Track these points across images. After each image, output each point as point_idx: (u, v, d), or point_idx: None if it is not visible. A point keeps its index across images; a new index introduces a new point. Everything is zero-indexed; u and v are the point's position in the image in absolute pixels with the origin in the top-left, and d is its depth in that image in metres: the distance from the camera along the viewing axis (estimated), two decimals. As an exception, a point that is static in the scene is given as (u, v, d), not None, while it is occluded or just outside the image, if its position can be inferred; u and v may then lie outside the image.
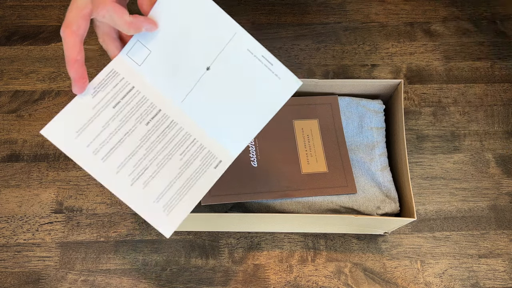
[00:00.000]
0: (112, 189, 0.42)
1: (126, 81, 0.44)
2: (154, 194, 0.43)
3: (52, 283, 0.59)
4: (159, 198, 0.43)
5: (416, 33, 0.75)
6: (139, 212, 0.42)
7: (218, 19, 0.44)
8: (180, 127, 0.45)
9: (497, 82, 0.71)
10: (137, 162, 0.43)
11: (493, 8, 0.76)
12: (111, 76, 0.44)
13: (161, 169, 0.43)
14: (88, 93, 0.43)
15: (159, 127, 0.44)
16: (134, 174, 0.43)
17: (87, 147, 0.42)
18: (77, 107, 0.42)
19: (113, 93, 0.43)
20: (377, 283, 0.59)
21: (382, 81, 0.59)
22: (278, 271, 0.60)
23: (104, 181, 0.42)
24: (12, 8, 0.75)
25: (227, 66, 0.44)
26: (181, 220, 0.43)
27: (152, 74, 0.44)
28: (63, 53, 0.69)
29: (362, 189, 0.57)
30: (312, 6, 0.77)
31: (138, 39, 0.43)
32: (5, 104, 0.69)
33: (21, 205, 0.62)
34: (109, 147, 0.42)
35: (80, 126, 0.42)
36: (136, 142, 0.43)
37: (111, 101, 0.43)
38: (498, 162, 0.66)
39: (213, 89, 0.45)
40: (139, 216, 0.62)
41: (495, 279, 0.59)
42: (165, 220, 0.42)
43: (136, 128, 0.43)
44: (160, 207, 0.43)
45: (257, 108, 0.45)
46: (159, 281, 0.59)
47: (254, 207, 0.57)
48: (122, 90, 0.44)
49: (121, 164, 0.43)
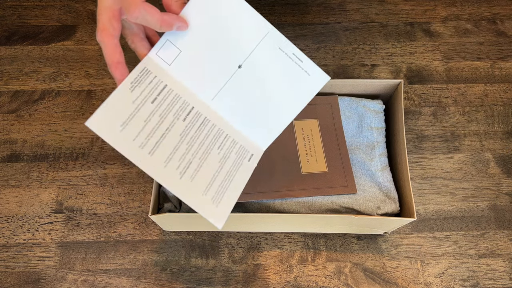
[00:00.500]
0: (163, 182, 0.42)
1: (159, 79, 0.44)
2: (201, 187, 0.43)
3: (52, 283, 0.59)
4: (206, 191, 0.43)
5: (416, 33, 0.75)
6: (191, 205, 0.42)
7: (250, 19, 0.45)
8: (213, 123, 0.46)
9: (497, 82, 0.71)
10: (181, 156, 0.43)
11: (493, 8, 0.76)
12: (144, 74, 0.44)
13: (203, 163, 0.44)
14: (126, 87, 0.43)
15: (194, 124, 0.45)
16: (181, 168, 0.43)
17: (133, 141, 0.42)
18: (117, 100, 0.42)
19: (149, 89, 0.44)
20: (377, 283, 0.59)
21: (382, 81, 0.59)
22: (278, 271, 0.60)
23: (154, 174, 0.42)
24: (12, 8, 0.75)
25: (258, 64, 0.46)
26: (230, 210, 0.43)
27: (182, 73, 0.45)
28: (63, 53, 0.70)
29: (362, 189, 0.57)
30: (312, 6, 0.77)
31: (168, 38, 0.44)
32: (5, 104, 0.69)
33: (21, 205, 0.62)
34: (154, 141, 0.42)
35: (124, 119, 0.42)
36: (177, 137, 0.44)
37: (148, 97, 0.43)
38: (498, 162, 0.66)
39: (243, 86, 0.46)
40: (139, 216, 0.62)
41: (495, 279, 0.59)
42: (216, 211, 0.43)
43: (175, 124, 0.44)
44: (209, 199, 0.43)
45: (286, 103, 0.47)
46: (159, 281, 0.59)
47: (254, 207, 0.57)
48: (156, 87, 0.44)
49: (167, 158, 0.43)
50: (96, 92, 0.69)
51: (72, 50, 0.72)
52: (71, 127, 0.67)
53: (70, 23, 0.75)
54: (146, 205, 0.63)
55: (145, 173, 0.64)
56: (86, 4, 0.76)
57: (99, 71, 0.71)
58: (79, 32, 0.74)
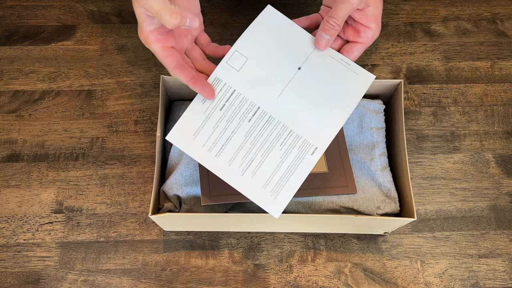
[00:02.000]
0: (226, 179, 0.49)
1: (229, 86, 0.51)
2: (261, 181, 0.49)
3: (52, 283, 0.59)
4: (266, 185, 0.49)
5: (416, 33, 0.75)
6: (250, 197, 0.49)
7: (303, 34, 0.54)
8: (277, 121, 0.51)
9: (497, 82, 0.71)
10: (244, 155, 0.50)
11: (493, 8, 0.76)
12: (215, 83, 0.51)
13: (265, 159, 0.50)
14: (199, 100, 0.51)
15: (259, 123, 0.51)
16: (243, 166, 0.50)
17: (203, 147, 0.50)
18: (191, 113, 0.51)
19: (219, 97, 0.51)
20: (377, 283, 0.59)
21: (382, 81, 0.59)
22: (278, 271, 0.60)
23: (219, 173, 0.49)
24: (12, 8, 0.75)
25: (316, 65, 0.52)
26: (287, 202, 0.49)
27: (249, 76, 0.52)
28: (63, 53, 0.71)
29: (362, 189, 0.57)
30: (312, 6, 0.77)
31: (236, 49, 0.52)
32: (5, 104, 0.69)
33: (21, 205, 0.62)
34: (220, 144, 0.50)
35: (195, 130, 0.50)
36: (241, 138, 0.50)
37: (217, 105, 0.51)
38: (498, 162, 0.66)
39: (305, 85, 0.52)
40: (139, 216, 0.62)
41: (495, 279, 0.59)
42: (273, 202, 0.49)
43: (240, 126, 0.50)
44: (267, 192, 0.49)
45: (343, 99, 0.52)
46: (159, 281, 0.59)
47: (254, 207, 0.57)
48: (226, 94, 0.51)
49: (231, 158, 0.50)
50: (96, 92, 0.69)
51: (72, 50, 0.72)
52: (71, 127, 0.67)
53: (70, 23, 0.75)
54: (146, 205, 0.63)
55: (145, 173, 0.64)
56: (86, 4, 0.76)
57: (99, 71, 0.71)
58: (79, 32, 0.74)
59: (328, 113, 0.51)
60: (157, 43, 0.48)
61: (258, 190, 0.49)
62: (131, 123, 0.67)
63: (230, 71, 0.51)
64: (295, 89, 0.52)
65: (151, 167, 0.64)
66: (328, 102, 0.52)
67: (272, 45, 0.53)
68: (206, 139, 0.50)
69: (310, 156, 0.50)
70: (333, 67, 0.53)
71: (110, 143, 0.66)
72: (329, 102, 0.52)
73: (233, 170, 0.49)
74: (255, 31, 0.53)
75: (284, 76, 0.52)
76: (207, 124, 0.50)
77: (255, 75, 0.52)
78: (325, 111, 0.51)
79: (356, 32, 0.53)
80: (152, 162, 0.65)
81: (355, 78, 0.52)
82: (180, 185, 0.56)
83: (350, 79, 0.52)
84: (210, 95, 0.50)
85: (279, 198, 0.49)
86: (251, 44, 0.52)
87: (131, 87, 0.70)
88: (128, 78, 0.70)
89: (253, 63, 0.52)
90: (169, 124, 0.61)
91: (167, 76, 0.57)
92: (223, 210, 0.57)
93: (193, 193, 0.56)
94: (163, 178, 0.59)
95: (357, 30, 0.53)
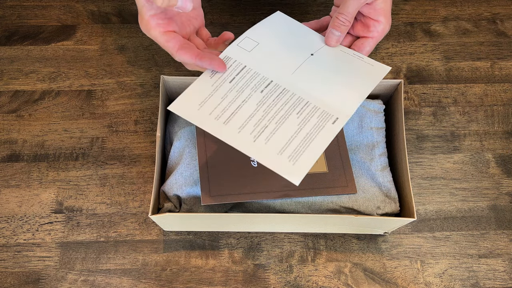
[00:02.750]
0: (236, 145, 0.45)
1: (239, 62, 0.50)
2: (277, 147, 0.46)
3: (52, 283, 0.59)
4: (282, 151, 0.45)
5: (416, 33, 0.75)
6: (265, 163, 0.45)
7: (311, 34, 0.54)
8: (292, 93, 0.49)
9: (497, 82, 0.71)
10: (257, 122, 0.47)
11: (493, 8, 0.76)
12: (225, 61, 0.50)
13: (280, 126, 0.47)
14: (207, 75, 0.49)
15: (273, 94, 0.48)
16: (255, 132, 0.46)
17: (209, 115, 0.47)
18: (198, 86, 0.48)
19: (228, 71, 0.49)
20: (377, 283, 0.59)
21: (382, 81, 0.59)
22: (278, 271, 0.60)
23: (228, 140, 0.46)
24: (12, 8, 0.76)
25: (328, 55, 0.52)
26: (308, 169, 0.45)
27: (261, 57, 0.51)
28: (63, 53, 0.71)
29: (362, 189, 0.57)
30: (312, 6, 0.77)
31: (247, 35, 0.52)
32: (5, 104, 0.69)
33: (21, 205, 0.62)
34: (229, 112, 0.47)
35: (201, 100, 0.48)
36: (253, 106, 0.48)
37: (227, 78, 0.49)
38: (498, 162, 0.66)
39: (319, 66, 0.51)
40: (139, 216, 0.62)
41: (495, 279, 0.59)
42: (292, 169, 0.45)
43: (252, 96, 0.48)
44: (285, 158, 0.45)
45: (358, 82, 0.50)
46: (159, 281, 0.59)
47: (254, 207, 0.57)
48: (235, 69, 0.49)
49: (242, 125, 0.47)
50: (96, 92, 0.69)
51: (72, 50, 0.72)
52: (71, 127, 0.67)
53: (70, 23, 0.75)
54: (146, 205, 0.63)
55: (145, 173, 0.64)
56: (86, 4, 0.76)
57: (99, 71, 0.71)
58: (79, 32, 0.74)
59: (345, 91, 0.49)
60: (158, 28, 0.47)
61: (274, 156, 0.45)
62: (131, 123, 0.67)
63: (241, 51, 0.50)
64: (310, 69, 0.50)
65: (151, 167, 0.65)
66: (344, 82, 0.50)
67: (283, 36, 0.52)
68: (213, 108, 0.47)
69: (332, 125, 0.47)
70: (346, 59, 0.52)
71: (110, 143, 0.66)
72: (345, 82, 0.50)
73: (243, 136, 0.46)
74: (264, 26, 0.53)
75: (297, 59, 0.51)
76: (215, 95, 0.48)
77: (267, 55, 0.51)
78: (342, 89, 0.50)
79: (366, 27, 0.52)
80: (152, 162, 0.65)
81: (370, 68, 0.51)
82: (180, 185, 0.56)
83: (364, 68, 0.51)
84: (220, 66, 0.48)
85: (299, 164, 0.45)
86: (262, 33, 0.52)
87: (131, 87, 0.70)
88: (128, 78, 0.70)
89: (264, 48, 0.51)
90: (169, 124, 0.61)
91: (167, 76, 0.57)
92: (223, 210, 0.57)
93: (193, 193, 0.56)
94: (163, 178, 0.59)
95: (367, 25, 0.52)
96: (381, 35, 0.53)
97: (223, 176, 0.55)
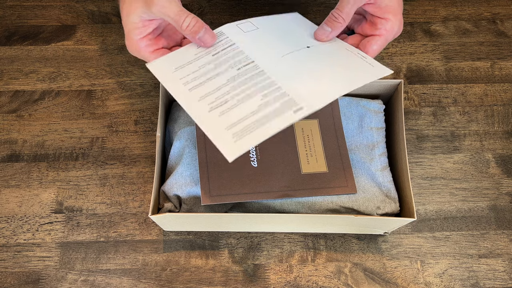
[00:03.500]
0: (191, 113, 0.46)
1: (230, 39, 0.50)
2: (227, 123, 0.45)
3: (52, 283, 0.59)
4: (230, 127, 0.45)
5: (416, 33, 0.75)
6: (208, 134, 0.45)
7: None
8: (267, 76, 0.48)
9: (497, 82, 0.71)
10: (220, 95, 0.47)
11: (493, 8, 0.76)
12: (217, 35, 0.50)
13: (240, 104, 0.46)
14: (194, 45, 0.50)
15: (247, 73, 0.48)
16: (214, 104, 0.46)
17: (180, 79, 0.48)
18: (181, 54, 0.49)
19: (216, 46, 0.50)
20: (377, 283, 0.59)
21: (382, 81, 0.59)
22: (278, 271, 0.60)
23: (186, 105, 0.46)
24: (12, 8, 0.76)
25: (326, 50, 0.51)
26: (246, 149, 0.43)
27: (254, 39, 0.51)
28: (63, 53, 0.71)
29: (362, 189, 0.57)
30: (312, 6, 0.77)
31: (250, 20, 0.52)
32: (5, 104, 0.69)
33: (21, 205, 0.62)
34: (199, 81, 0.48)
35: (179, 65, 0.49)
36: (223, 81, 0.48)
37: (211, 51, 0.50)
38: (498, 162, 0.66)
39: (309, 57, 0.50)
40: (139, 216, 0.62)
41: (495, 279, 0.59)
42: (231, 145, 0.44)
43: (227, 71, 0.48)
44: (229, 135, 0.44)
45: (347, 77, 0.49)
46: (159, 281, 0.59)
47: (254, 207, 0.57)
48: (223, 44, 0.50)
49: (205, 94, 0.47)
50: (96, 92, 0.69)
51: (72, 50, 0.72)
52: (71, 127, 0.67)
53: (70, 23, 0.75)
54: (146, 205, 0.63)
55: (145, 173, 0.64)
56: (86, 4, 0.76)
57: (99, 71, 0.71)
58: (79, 32, 0.74)
59: (327, 84, 0.48)
60: (147, 49, 0.48)
61: (220, 130, 0.44)
62: (131, 123, 0.67)
63: (237, 30, 0.51)
64: (299, 58, 0.50)
65: (151, 167, 0.65)
66: (330, 75, 0.49)
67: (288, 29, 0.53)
68: (186, 74, 0.48)
69: (292, 113, 0.45)
70: (345, 55, 0.51)
71: (110, 143, 0.66)
72: (331, 75, 0.49)
73: (201, 106, 0.46)
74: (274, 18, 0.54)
75: (290, 47, 0.51)
76: (194, 63, 0.49)
77: (261, 39, 0.51)
78: (325, 82, 0.48)
79: (373, 25, 0.52)
80: (152, 162, 0.65)
81: (367, 67, 0.50)
82: (180, 185, 0.56)
83: (361, 66, 0.50)
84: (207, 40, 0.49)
85: (240, 143, 0.43)
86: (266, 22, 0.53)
87: (131, 87, 0.70)
88: (128, 78, 0.70)
89: (262, 32, 0.52)
90: (169, 124, 0.61)
91: (167, 76, 0.57)
92: (223, 210, 0.57)
93: (193, 193, 0.56)
94: (163, 178, 0.59)
95: (374, 23, 0.52)
96: (390, 33, 0.51)
97: (223, 176, 0.55)
